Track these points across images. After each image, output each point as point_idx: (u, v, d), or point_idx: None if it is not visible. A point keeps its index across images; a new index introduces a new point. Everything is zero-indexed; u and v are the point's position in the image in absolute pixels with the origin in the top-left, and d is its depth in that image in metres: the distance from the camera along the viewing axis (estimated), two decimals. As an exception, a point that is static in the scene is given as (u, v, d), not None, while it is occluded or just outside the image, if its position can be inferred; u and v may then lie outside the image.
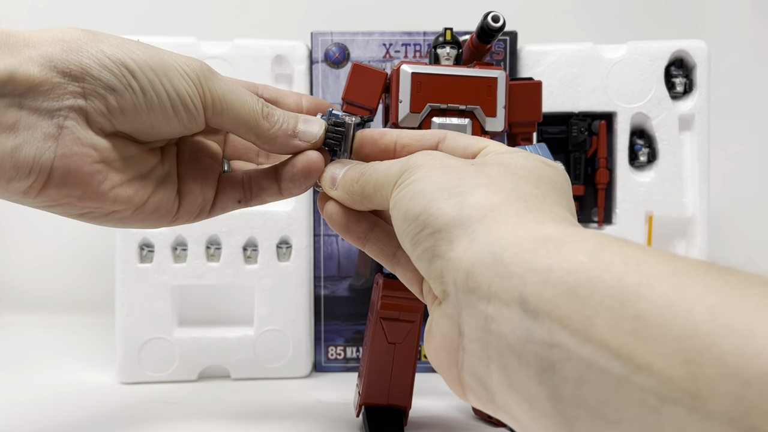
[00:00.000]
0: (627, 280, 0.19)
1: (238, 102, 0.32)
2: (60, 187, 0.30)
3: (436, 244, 0.25)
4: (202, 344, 0.58)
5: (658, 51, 0.60)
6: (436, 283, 0.26)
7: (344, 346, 0.62)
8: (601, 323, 0.19)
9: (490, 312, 0.22)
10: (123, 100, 0.30)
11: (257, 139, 0.34)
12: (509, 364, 0.22)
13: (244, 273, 0.59)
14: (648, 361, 0.17)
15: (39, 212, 0.33)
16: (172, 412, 0.51)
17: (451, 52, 0.44)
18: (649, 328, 0.18)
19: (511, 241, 0.23)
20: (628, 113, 0.60)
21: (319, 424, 0.48)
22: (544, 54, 0.60)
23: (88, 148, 0.30)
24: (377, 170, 0.30)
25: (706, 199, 0.60)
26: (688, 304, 0.17)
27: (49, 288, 0.81)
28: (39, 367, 0.62)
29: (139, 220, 0.34)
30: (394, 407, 0.46)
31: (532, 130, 0.46)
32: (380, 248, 0.33)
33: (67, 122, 0.29)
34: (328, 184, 0.33)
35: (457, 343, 0.25)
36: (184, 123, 0.32)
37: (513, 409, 0.22)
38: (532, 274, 0.21)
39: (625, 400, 0.18)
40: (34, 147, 0.28)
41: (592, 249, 0.21)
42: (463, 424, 0.48)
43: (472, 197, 0.25)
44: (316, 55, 0.60)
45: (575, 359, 0.19)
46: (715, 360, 0.16)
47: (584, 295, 0.20)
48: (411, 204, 0.27)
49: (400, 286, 0.44)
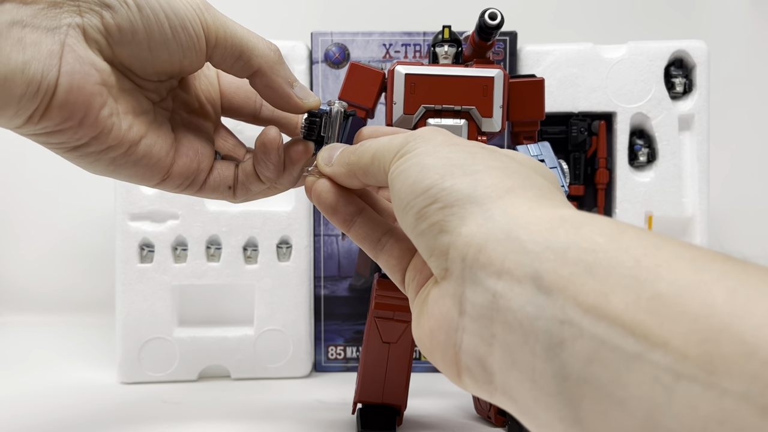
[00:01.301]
0: (646, 261, 0.19)
1: (240, 29, 0.33)
2: (62, 107, 0.29)
3: (445, 218, 0.25)
4: (202, 344, 0.58)
5: (657, 51, 0.60)
6: (439, 260, 0.25)
7: (344, 346, 0.62)
8: (618, 301, 0.19)
9: (499, 289, 0.22)
10: (119, 16, 0.30)
11: (264, 63, 0.34)
12: (515, 341, 0.22)
13: (244, 273, 0.59)
14: (665, 339, 0.17)
15: (39, 212, 0.33)
16: (172, 412, 0.51)
17: (450, 51, 0.44)
18: (666, 307, 0.18)
19: (528, 220, 0.23)
20: (627, 113, 0.60)
21: (319, 424, 0.48)
22: (544, 54, 0.60)
23: (90, 66, 0.30)
24: (378, 140, 0.30)
25: (706, 199, 0.60)
26: (706, 285, 0.18)
27: (49, 288, 0.81)
28: (39, 367, 0.62)
29: (130, 164, 0.33)
30: (389, 406, 0.46)
31: (534, 128, 0.46)
32: (365, 233, 0.32)
33: (68, 40, 0.29)
34: (324, 162, 0.33)
35: (456, 323, 0.24)
36: (183, 48, 0.32)
37: (513, 389, 0.22)
38: (548, 251, 0.21)
39: (637, 378, 0.18)
40: (41, 63, 0.28)
41: (610, 232, 0.21)
42: (460, 423, 0.48)
43: (488, 177, 0.25)
44: (316, 55, 0.60)
45: (587, 336, 0.19)
46: (733, 339, 0.16)
47: (602, 274, 0.20)
48: (420, 176, 0.26)
49: (395, 287, 0.44)
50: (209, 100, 0.38)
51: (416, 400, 0.49)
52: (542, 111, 0.46)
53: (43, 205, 0.81)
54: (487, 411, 0.48)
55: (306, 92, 0.35)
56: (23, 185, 0.81)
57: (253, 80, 0.34)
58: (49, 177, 0.81)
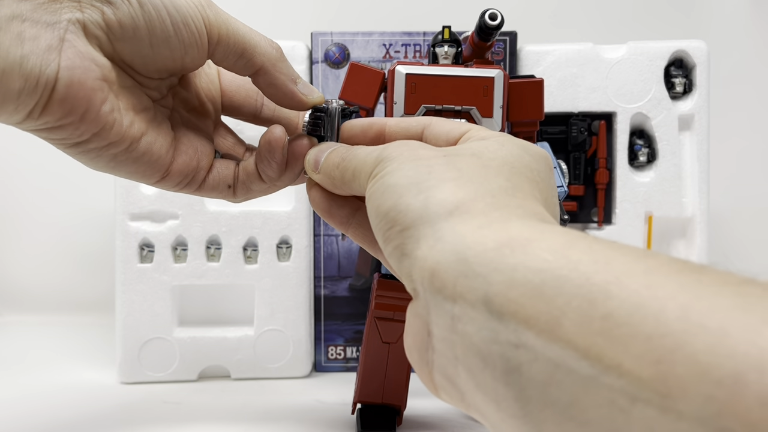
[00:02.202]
0: (596, 278, 0.19)
1: (243, 27, 0.33)
2: (63, 102, 0.29)
3: (404, 242, 0.25)
4: (202, 344, 0.58)
5: (657, 51, 0.60)
6: (407, 282, 0.25)
7: (344, 346, 0.62)
8: (569, 323, 0.18)
9: (456, 312, 0.22)
10: (120, 12, 0.29)
11: (266, 60, 0.33)
12: (475, 365, 0.21)
13: (244, 273, 0.59)
14: (617, 361, 0.17)
15: (39, 212, 0.33)
16: (172, 412, 0.51)
17: (450, 51, 0.44)
18: (618, 328, 0.17)
19: (476, 240, 0.22)
20: (627, 113, 0.60)
21: (319, 424, 0.48)
22: (544, 54, 0.60)
23: (90, 62, 0.29)
24: (357, 156, 0.30)
25: (706, 199, 0.60)
26: (659, 302, 0.17)
27: (49, 288, 0.81)
28: (39, 367, 0.62)
29: (131, 161, 0.33)
30: (389, 406, 0.46)
31: (534, 129, 0.46)
32: (363, 233, 0.32)
33: (67, 35, 0.29)
34: (311, 167, 0.33)
35: (426, 342, 0.24)
36: (185, 45, 0.31)
37: (482, 409, 0.22)
38: (496, 273, 0.21)
39: (594, 401, 0.17)
40: (40, 58, 0.28)
41: (559, 247, 0.20)
42: (460, 423, 0.48)
43: (439, 192, 0.25)
44: (316, 55, 0.60)
45: (542, 360, 0.19)
46: (687, 359, 0.16)
47: (551, 295, 0.19)
48: (382, 199, 0.26)
49: (395, 287, 0.44)
50: (209, 98, 0.38)
51: (416, 400, 0.49)
52: (541, 111, 0.45)
53: (43, 204, 0.81)
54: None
55: (309, 88, 0.35)
56: (23, 185, 0.81)
57: (256, 78, 0.34)
58: (48, 176, 0.81)
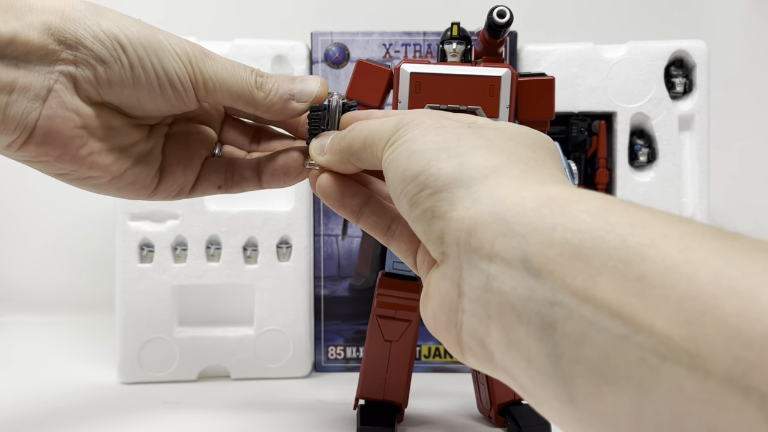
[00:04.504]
0: (632, 241, 0.19)
1: (230, 78, 0.33)
2: (40, 145, 0.31)
3: (436, 204, 0.25)
4: (202, 344, 0.58)
5: (657, 51, 0.60)
6: (436, 245, 0.25)
7: (344, 346, 0.62)
8: (604, 283, 0.19)
9: (492, 271, 0.22)
10: (111, 72, 0.31)
11: (255, 110, 0.34)
12: (509, 322, 0.22)
13: (244, 273, 0.59)
14: (649, 320, 0.18)
15: (39, 212, 0.35)
16: (172, 412, 0.51)
17: (458, 48, 0.43)
18: (652, 289, 0.18)
19: (515, 201, 0.23)
20: (627, 113, 0.60)
21: (319, 423, 0.48)
22: (544, 54, 0.60)
23: (72, 113, 0.31)
24: (368, 125, 0.30)
25: (706, 199, 0.60)
26: (692, 266, 0.18)
27: (49, 288, 0.81)
28: (39, 367, 0.62)
29: (115, 189, 0.35)
30: (390, 403, 0.46)
31: (544, 128, 0.45)
32: (374, 222, 0.33)
33: (56, 86, 0.30)
34: (317, 151, 0.33)
35: (456, 303, 0.25)
36: (171, 102, 0.33)
37: (511, 368, 0.23)
38: (535, 233, 0.21)
39: (625, 359, 0.18)
40: (24, 105, 0.30)
41: (596, 209, 0.21)
42: (460, 423, 0.48)
43: (473, 158, 0.25)
44: (316, 55, 0.60)
45: (576, 318, 0.19)
46: (717, 321, 0.16)
47: (588, 255, 0.20)
48: (409, 163, 0.26)
49: (397, 285, 0.44)
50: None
51: (417, 399, 0.49)
52: (552, 110, 0.45)
53: (43, 205, 0.81)
54: (488, 411, 0.48)
55: (302, 94, 0.35)
56: (23, 185, 0.81)
57: (252, 118, 0.36)
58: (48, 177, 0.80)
